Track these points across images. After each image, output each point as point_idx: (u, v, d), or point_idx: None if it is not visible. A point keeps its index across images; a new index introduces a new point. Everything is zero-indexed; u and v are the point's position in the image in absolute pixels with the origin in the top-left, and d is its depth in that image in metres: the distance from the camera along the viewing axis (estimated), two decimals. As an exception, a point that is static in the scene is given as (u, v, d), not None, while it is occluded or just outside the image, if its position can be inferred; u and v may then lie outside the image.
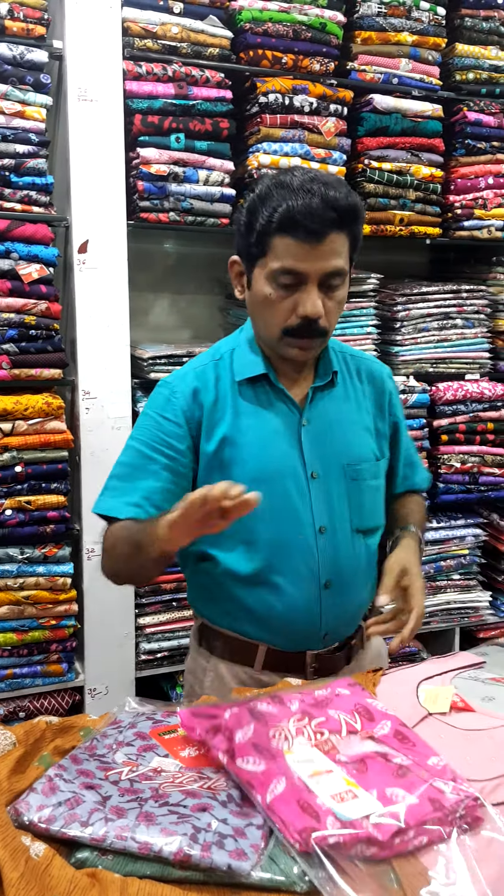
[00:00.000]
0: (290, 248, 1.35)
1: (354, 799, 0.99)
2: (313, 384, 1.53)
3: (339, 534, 1.52)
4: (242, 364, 1.52)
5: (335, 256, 1.37)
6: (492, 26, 2.75)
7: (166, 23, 2.33)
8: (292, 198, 1.33)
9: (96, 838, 0.91)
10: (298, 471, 1.49)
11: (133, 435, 1.52)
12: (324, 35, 2.51)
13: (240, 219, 1.43)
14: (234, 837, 0.91)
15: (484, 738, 1.20)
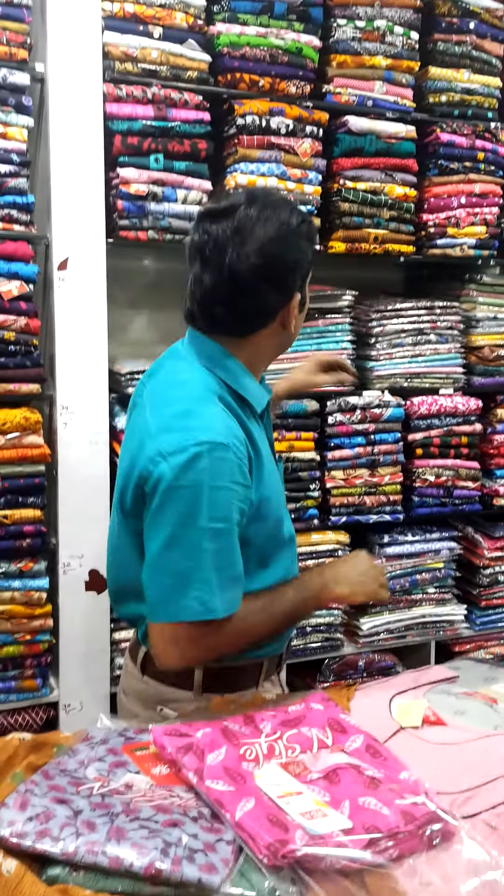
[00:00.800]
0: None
1: (324, 817, 1.02)
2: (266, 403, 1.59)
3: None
4: (255, 395, 1.48)
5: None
6: (464, 50, 2.81)
7: (146, 47, 2.36)
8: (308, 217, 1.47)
9: (67, 853, 0.93)
10: (283, 495, 1.59)
11: (213, 515, 1.33)
12: (300, 59, 2.56)
13: (307, 255, 1.45)
14: (204, 852, 0.93)
15: (455, 752, 1.24)
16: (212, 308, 1.42)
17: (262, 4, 2.49)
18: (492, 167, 2.91)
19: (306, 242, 1.45)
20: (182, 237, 2.49)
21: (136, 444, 1.41)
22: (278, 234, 1.39)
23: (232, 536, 1.36)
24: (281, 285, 1.42)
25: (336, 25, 2.62)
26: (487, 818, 1.07)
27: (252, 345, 1.46)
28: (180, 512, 1.32)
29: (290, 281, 1.43)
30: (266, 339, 1.47)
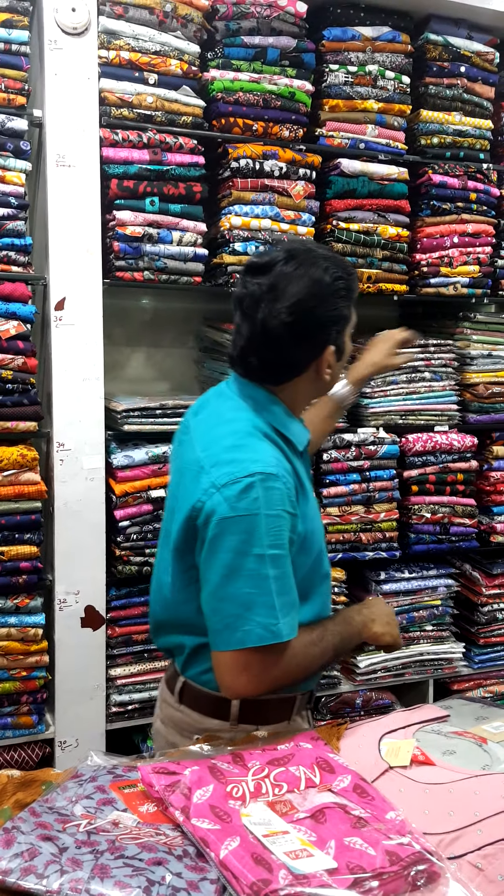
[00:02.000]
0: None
1: (310, 857, 1.01)
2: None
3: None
4: (298, 435, 1.55)
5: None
6: (455, 93, 2.88)
7: (141, 93, 2.42)
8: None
9: (51, 891, 0.93)
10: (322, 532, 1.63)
11: (270, 542, 1.37)
12: (293, 103, 2.62)
13: (343, 310, 1.50)
14: (187, 891, 0.93)
15: (443, 792, 1.22)
16: (247, 358, 1.51)
17: (255, 51, 2.56)
18: (484, 207, 2.97)
19: (341, 299, 1.50)
20: (177, 278, 2.54)
21: (188, 480, 1.46)
22: (310, 292, 1.45)
23: (288, 562, 1.41)
24: (311, 340, 1.49)
25: (328, 70, 2.69)
26: (473, 859, 1.06)
27: (289, 390, 1.54)
28: (238, 541, 1.36)
29: (321, 336, 1.49)
30: (303, 386, 1.55)
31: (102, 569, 2.51)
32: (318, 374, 1.52)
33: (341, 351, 1.54)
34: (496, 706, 1.58)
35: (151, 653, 2.62)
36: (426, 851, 1.05)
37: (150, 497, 2.53)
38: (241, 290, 1.50)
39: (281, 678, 1.44)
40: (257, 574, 1.35)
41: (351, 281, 1.52)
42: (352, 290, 1.53)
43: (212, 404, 1.61)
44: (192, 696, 1.54)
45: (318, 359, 1.51)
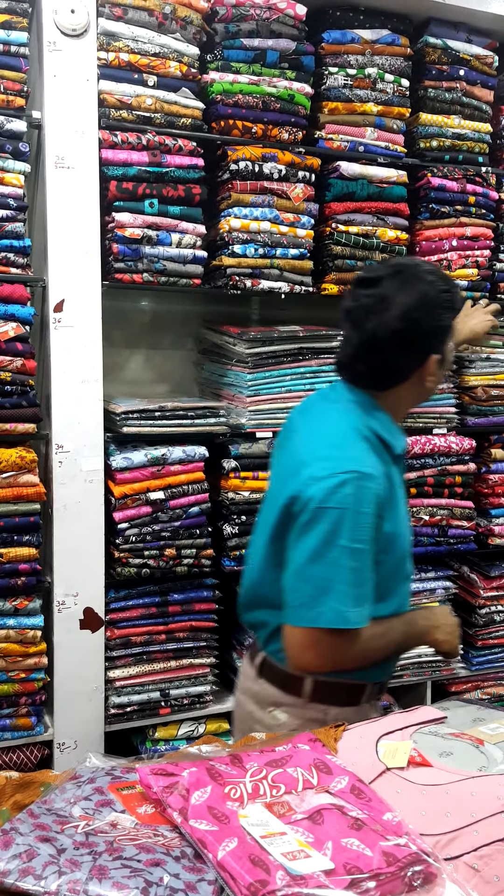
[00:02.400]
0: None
1: (307, 858, 1.01)
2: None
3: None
4: (395, 438, 1.66)
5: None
6: (454, 96, 2.88)
7: (141, 94, 2.43)
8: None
9: (49, 892, 0.93)
10: (409, 535, 1.72)
11: (354, 537, 1.50)
12: (292, 106, 2.62)
13: (445, 321, 1.63)
14: (185, 892, 0.93)
15: (440, 794, 1.22)
16: (355, 365, 1.65)
17: (254, 53, 2.56)
18: (483, 210, 2.97)
19: (446, 311, 1.63)
20: (176, 280, 2.54)
21: (289, 472, 1.61)
22: (418, 303, 1.58)
23: (368, 558, 1.53)
24: (417, 349, 1.61)
25: (327, 73, 2.69)
26: (470, 860, 1.06)
27: (392, 396, 1.67)
28: (326, 530, 1.49)
29: (425, 345, 1.61)
30: (406, 392, 1.67)
31: (101, 571, 2.51)
32: (421, 381, 1.65)
33: (444, 360, 1.66)
34: (493, 708, 1.58)
35: (150, 655, 2.61)
36: (423, 852, 1.05)
37: (149, 499, 2.53)
38: (352, 302, 1.64)
39: (341, 662, 1.58)
40: (338, 563, 1.49)
41: (454, 294, 1.64)
42: (455, 303, 1.66)
43: (317, 406, 1.75)
44: (270, 670, 1.69)
45: (422, 366, 1.62)
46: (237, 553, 2.67)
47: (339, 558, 1.49)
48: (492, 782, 1.21)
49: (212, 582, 2.69)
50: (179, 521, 2.57)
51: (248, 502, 2.67)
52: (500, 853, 1.07)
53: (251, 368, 2.66)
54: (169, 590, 2.63)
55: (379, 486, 1.53)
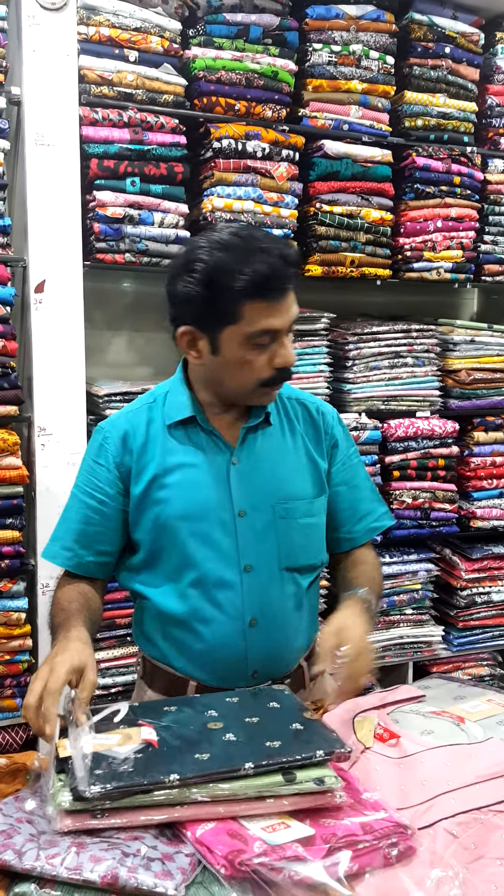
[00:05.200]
0: (264, 310, 1.38)
1: (286, 829, 1.01)
2: (246, 424, 1.54)
3: (265, 572, 1.52)
4: (173, 407, 1.55)
5: (294, 305, 1.43)
6: (439, 75, 2.86)
7: (122, 70, 2.39)
8: (255, 262, 1.34)
9: (26, 868, 0.93)
10: (225, 509, 1.50)
11: (75, 482, 1.59)
12: (276, 83, 2.59)
13: (190, 291, 1.40)
14: (161, 861, 0.93)
15: (415, 763, 1.23)
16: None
17: (237, 29, 2.53)
18: (468, 191, 2.96)
19: (199, 282, 1.42)
20: (159, 261, 2.51)
21: None
22: (175, 266, 1.49)
23: (75, 502, 1.61)
24: (171, 313, 1.53)
25: (311, 50, 2.66)
26: (449, 826, 1.07)
27: (190, 367, 1.60)
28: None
29: (172, 311, 1.51)
30: (192, 364, 1.58)
31: (84, 553, 2.50)
32: (185, 353, 1.51)
33: (197, 339, 1.45)
34: (473, 685, 1.58)
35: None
36: (401, 826, 1.05)
37: (133, 481, 2.52)
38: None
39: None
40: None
41: (217, 267, 1.39)
42: (217, 278, 1.39)
43: None
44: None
45: (178, 335, 1.47)
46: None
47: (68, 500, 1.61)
48: (461, 753, 1.22)
49: (196, 564, 2.68)
50: (163, 503, 2.56)
51: (231, 484, 2.66)
52: (476, 821, 1.07)
53: (235, 350, 2.64)
54: (153, 572, 2.62)
55: (106, 441, 1.55)
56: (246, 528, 1.51)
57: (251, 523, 1.51)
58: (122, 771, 1.01)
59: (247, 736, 1.13)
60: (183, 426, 1.53)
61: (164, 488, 1.51)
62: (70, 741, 1.09)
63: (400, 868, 1.00)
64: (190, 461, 1.52)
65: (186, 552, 1.50)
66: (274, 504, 1.52)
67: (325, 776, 1.07)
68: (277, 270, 1.36)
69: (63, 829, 0.98)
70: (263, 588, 1.51)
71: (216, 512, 1.50)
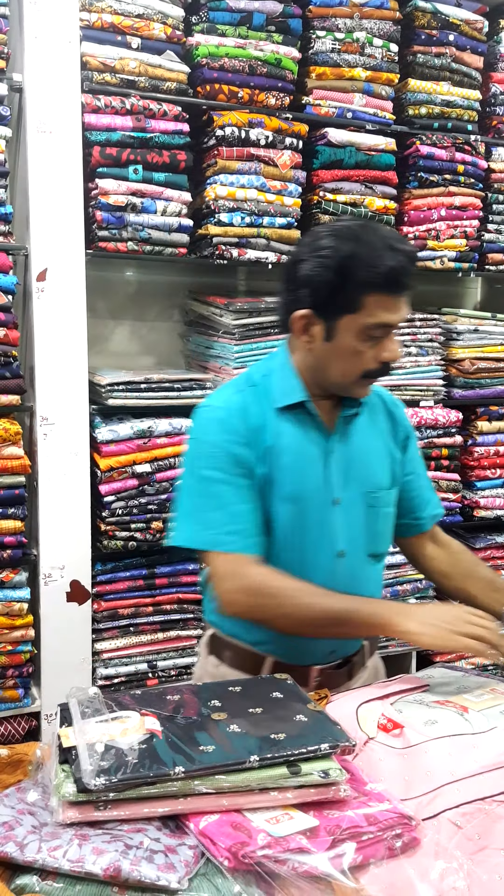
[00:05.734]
0: (384, 304, 1.43)
1: (290, 820, 1.01)
2: (342, 413, 1.59)
3: (355, 558, 1.59)
4: (282, 391, 1.57)
5: (407, 304, 1.49)
6: (443, 62, 2.84)
7: (124, 57, 2.37)
8: (386, 257, 1.40)
9: (28, 860, 0.92)
10: (323, 495, 1.56)
11: (198, 465, 1.53)
12: (279, 70, 2.57)
13: (316, 277, 1.44)
14: (164, 853, 0.93)
15: (419, 754, 1.22)
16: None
17: (240, 15, 2.51)
18: (472, 180, 2.94)
19: (331, 270, 1.47)
20: (162, 249, 2.50)
21: None
22: (302, 250, 1.52)
23: (217, 484, 1.55)
24: (289, 296, 1.55)
25: (315, 37, 2.64)
26: (453, 817, 1.06)
27: (293, 349, 1.62)
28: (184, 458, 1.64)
29: (292, 295, 1.53)
30: (296, 345, 1.60)
31: (87, 543, 2.50)
32: (297, 337, 1.53)
33: (312, 324, 1.49)
34: (476, 675, 1.57)
35: (137, 627, 2.61)
36: (405, 817, 1.05)
37: (135, 472, 2.52)
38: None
39: (219, 592, 1.57)
40: (187, 487, 1.58)
41: (352, 258, 1.43)
42: (353, 269, 1.43)
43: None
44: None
45: (294, 318, 1.51)
46: (224, 525, 2.66)
47: (188, 484, 1.55)
48: (466, 743, 1.22)
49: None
50: (166, 493, 2.56)
51: (234, 474, 2.65)
52: (480, 811, 1.07)
53: (238, 340, 2.63)
54: (156, 562, 2.62)
55: (230, 417, 1.52)
56: (340, 515, 1.57)
57: (346, 510, 1.57)
58: (126, 762, 1.01)
59: (251, 727, 1.13)
60: (289, 410, 1.56)
61: (273, 470, 1.54)
62: (74, 731, 1.09)
63: (404, 859, 1.00)
64: (296, 446, 1.56)
65: (285, 534, 1.55)
66: (365, 493, 1.59)
67: (329, 769, 1.06)
68: (405, 267, 1.42)
69: (66, 821, 0.98)
70: (353, 573, 1.58)
71: (316, 497, 1.56)
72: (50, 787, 1.04)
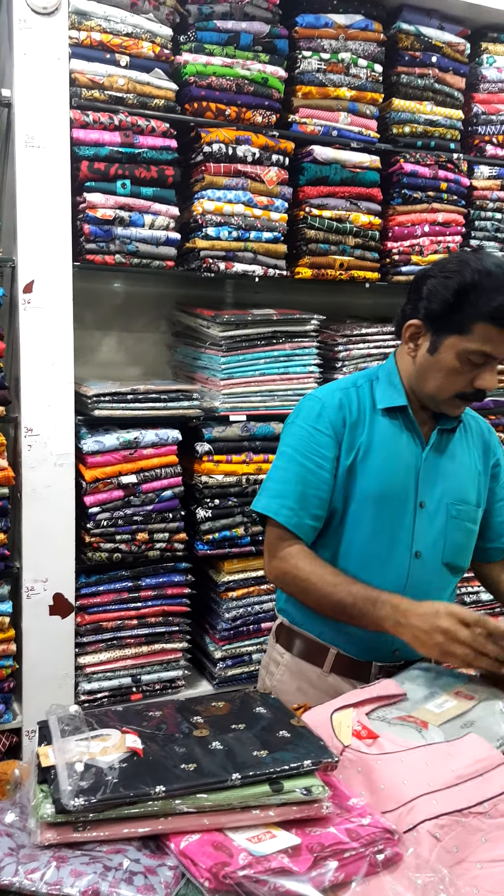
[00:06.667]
0: (492, 336, 1.53)
1: (272, 838, 1.02)
2: (438, 426, 1.70)
3: (430, 562, 1.68)
4: (385, 394, 1.69)
5: None
6: (426, 83, 2.88)
7: (113, 74, 2.39)
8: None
9: (4, 883, 0.91)
10: (410, 498, 1.67)
11: (287, 443, 1.69)
12: (266, 89, 2.60)
13: (436, 292, 1.56)
14: (144, 874, 0.93)
15: (395, 763, 1.23)
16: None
17: (228, 35, 2.54)
18: (454, 197, 2.98)
19: (450, 290, 1.57)
20: (149, 262, 2.52)
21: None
22: (430, 271, 1.64)
23: (294, 464, 1.68)
24: (408, 308, 1.68)
25: (301, 57, 2.67)
26: (432, 829, 1.07)
27: (399, 356, 1.76)
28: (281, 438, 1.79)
29: (410, 306, 1.67)
30: (402, 354, 1.74)
31: (72, 556, 2.49)
32: (405, 344, 1.66)
33: (421, 337, 1.62)
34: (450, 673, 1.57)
35: (121, 640, 2.61)
36: (387, 831, 1.06)
37: (121, 483, 2.52)
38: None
39: (269, 558, 1.72)
40: (276, 461, 1.74)
41: (469, 281, 1.53)
42: (468, 293, 1.53)
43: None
44: None
45: (407, 328, 1.64)
46: (210, 537, 2.67)
47: (276, 459, 1.70)
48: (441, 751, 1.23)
49: (185, 566, 2.69)
50: (152, 505, 2.57)
51: (221, 486, 2.67)
52: (457, 824, 1.08)
53: (225, 351, 2.65)
54: (141, 574, 2.62)
55: (325, 409, 1.65)
56: (423, 518, 1.67)
57: (428, 515, 1.68)
58: (106, 782, 1.01)
59: (233, 744, 1.13)
60: (388, 414, 1.68)
61: (366, 465, 1.65)
62: (53, 749, 1.09)
63: (386, 874, 1.01)
64: (392, 446, 1.67)
65: (367, 529, 1.65)
66: (449, 503, 1.69)
67: (312, 785, 1.07)
68: None
69: (44, 843, 0.97)
70: (428, 577, 1.67)
71: (402, 498, 1.66)
72: (28, 807, 1.03)
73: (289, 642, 1.80)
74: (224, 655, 2.76)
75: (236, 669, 2.78)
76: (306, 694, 1.72)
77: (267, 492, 1.68)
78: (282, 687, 1.77)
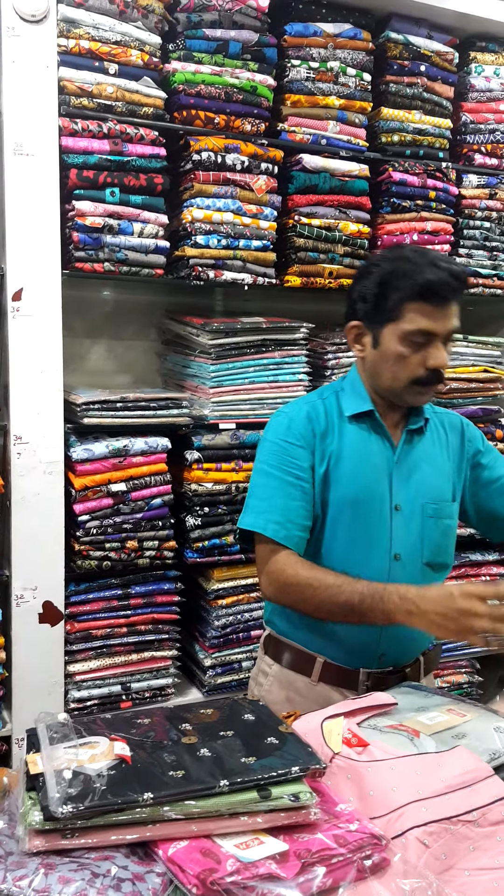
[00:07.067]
0: (424, 313, 1.60)
1: (260, 845, 1.02)
2: (407, 427, 1.75)
3: (410, 564, 1.71)
4: (351, 402, 1.75)
5: (455, 317, 1.64)
6: (415, 92, 2.89)
7: (102, 83, 2.40)
8: (427, 272, 1.58)
9: (-5, 889, 0.92)
10: (385, 501, 1.70)
11: (262, 460, 1.72)
12: (255, 97, 2.61)
13: (364, 291, 1.67)
14: (132, 881, 0.93)
15: (385, 770, 1.23)
16: None
17: (216, 44, 2.55)
18: (443, 205, 2.99)
19: (381, 283, 1.67)
20: (138, 270, 2.52)
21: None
22: (360, 269, 1.78)
23: (273, 479, 1.73)
24: (349, 309, 1.78)
25: (290, 66, 2.69)
26: (421, 836, 1.07)
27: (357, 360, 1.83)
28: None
29: (350, 308, 1.77)
30: (358, 356, 1.81)
31: (61, 564, 2.49)
32: (352, 346, 1.75)
33: (364, 334, 1.70)
34: (441, 695, 1.58)
35: (111, 648, 2.60)
36: (375, 837, 1.06)
37: (111, 491, 2.52)
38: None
39: (263, 574, 1.74)
40: (253, 479, 1.76)
41: (401, 271, 1.62)
42: (401, 281, 1.61)
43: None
44: None
45: (350, 328, 1.73)
46: (200, 545, 2.66)
47: (254, 477, 1.73)
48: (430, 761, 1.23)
49: (174, 574, 2.68)
50: (141, 512, 2.56)
51: (210, 494, 2.67)
52: (446, 831, 1.08)
53: (214, 359, 2.65)
54: (131, 582, 2.62)
55: (293, 421, 1.70)
56: (399, 521, 1.70)
57: (404, 517, 1.70)
58: (94, 789, 1.01)
59: (221, 751, 1.14)
60: (357, 420, 1.73)
61: (339, 472, 1.69)
62: (42, 757, 1.09)
63: (374, 879, 1.01)
64: (362, 452, 1.71)
65: (345, 534, 1.68)
66: (424, 503, 1.72)
67: (300, 792, 1.07)
68: (442, 280, 1.58)
69: (32, 850, 0.97)
70: (407, 577, 1.66)
71: (377, 502, 1.69)
72: (17, 815, 1.04)
73: (277, 653, 1.83)
74: (214, 663, 2.75)
75: (226, 677, 2.78)
76: (295, 704, 1.73)
77: (251, 509, 1.70)
78: (270, 697, 1.78)
